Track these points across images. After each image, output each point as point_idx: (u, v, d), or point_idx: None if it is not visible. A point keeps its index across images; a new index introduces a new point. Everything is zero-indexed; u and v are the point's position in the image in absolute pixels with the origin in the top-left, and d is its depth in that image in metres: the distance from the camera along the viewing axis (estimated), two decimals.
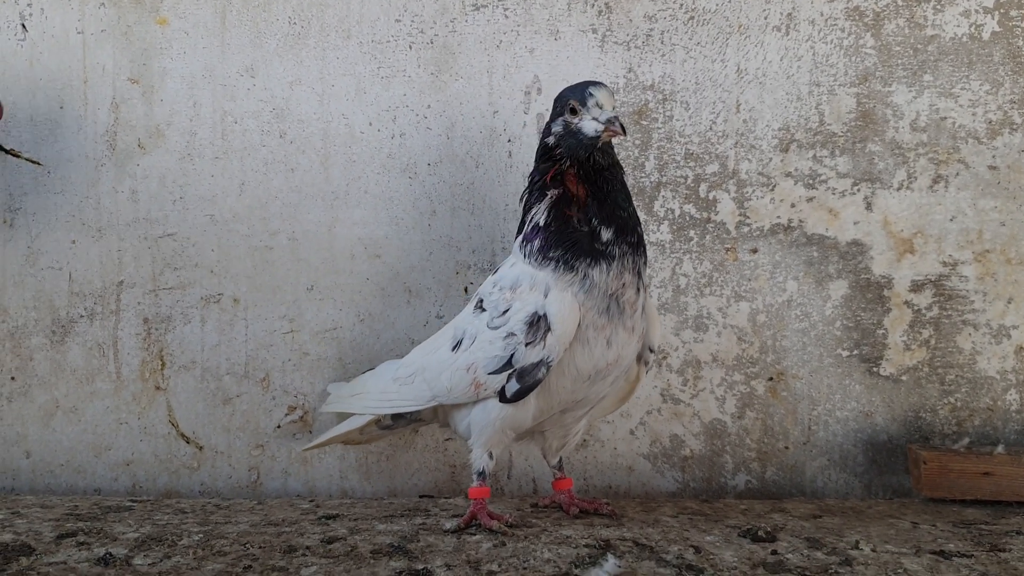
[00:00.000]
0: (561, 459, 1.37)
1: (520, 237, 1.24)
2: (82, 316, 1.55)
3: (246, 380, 1.56)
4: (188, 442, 1.56)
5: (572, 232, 1.19)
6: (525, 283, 1.21)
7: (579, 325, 1.18)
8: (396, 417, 1.38)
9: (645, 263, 1.23)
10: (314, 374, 1.56)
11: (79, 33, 1.53)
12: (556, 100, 1.25)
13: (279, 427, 1.56)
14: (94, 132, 1.54)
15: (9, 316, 1.55)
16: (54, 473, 1.56)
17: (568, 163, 1.21)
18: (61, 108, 1.54)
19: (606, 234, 1.18)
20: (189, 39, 1.53)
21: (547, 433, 1.33)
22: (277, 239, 1.54)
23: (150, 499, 1.48)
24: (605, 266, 1.18)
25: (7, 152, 1.52)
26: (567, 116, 1.21)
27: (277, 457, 1.56)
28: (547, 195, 1.22)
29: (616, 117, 1.17)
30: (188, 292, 1.55)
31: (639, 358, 1.29)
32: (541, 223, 1.21)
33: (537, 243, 1.21)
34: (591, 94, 1.19)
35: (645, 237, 1.25)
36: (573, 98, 1.20)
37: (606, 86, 1.20)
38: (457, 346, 1.27)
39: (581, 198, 1.20)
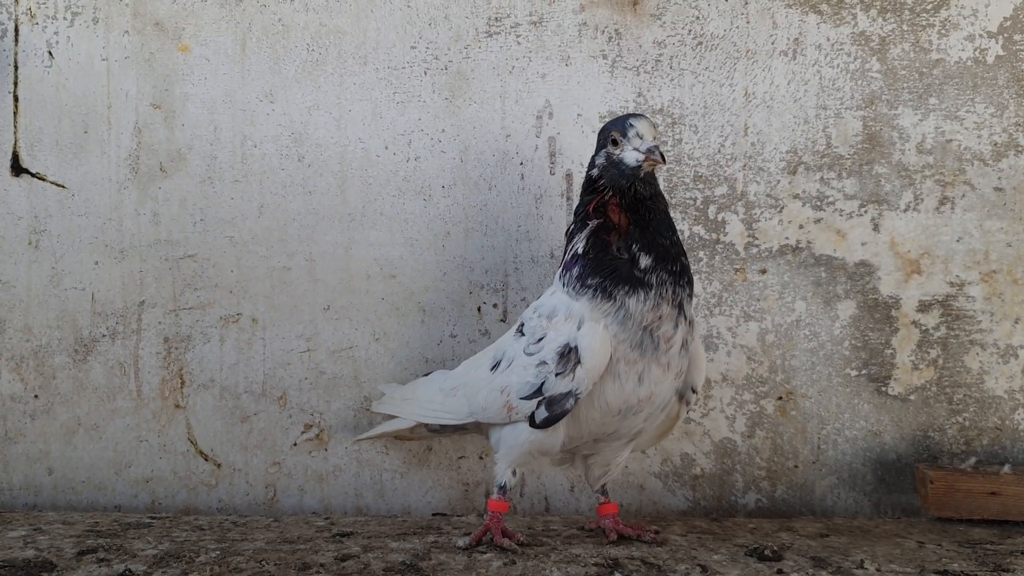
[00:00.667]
0: (605, 486, 1.37)
1: (561, 267, 1.27)
2: (104, 335, 1.58)
3: (263, 398, 1.59)
4: (207, 459, 1.59)
5: (611, 260, 1.21)
6: (561, 313, 1.23)
7: (611, 358, 1.19)
8: (442, 424, 1.41)
9: (690, 296, 1.23)
10: (330, 392, 1.58)
11: (104, 60, 1.57)
12: (600, 133, 1.28)
13: (295, 445, 1.59)
14: (117, 156, 1.58)
15: (33, 335, 1.58)
16: (75, 490, 1.59)
17: (611, 193, 1.23)
18: (85, 132, 1.58)
19: (645, 260, 1.20)
20: (210, 65, 1.57)
21: (589, 460, 1.34)
22: (295, 260, 1.58)
23: (169, 516, 1.51)
24: (643, 295, 1.19)
25: (33, 175, 1.57)
26: (609, 148, 1.24)
27: (293, 474, 1.59)
28: (588, 224, 1.24)
29: (656, 147, 1.20)
30: (208, 312, 1.58)
31: (680, 396, 1.30)
32: (580, 251, 1.24)
33: (576, 270, 1.23)
34: (631, 125, 1.22)
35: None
36: (615, 130, 1.23)
37: (647, 117, 1.23)
38: (496, 367, 1.30)
39: (622, 226, 1.22)
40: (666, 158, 1.23)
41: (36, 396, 1.59)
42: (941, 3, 1.54)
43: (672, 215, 1.50)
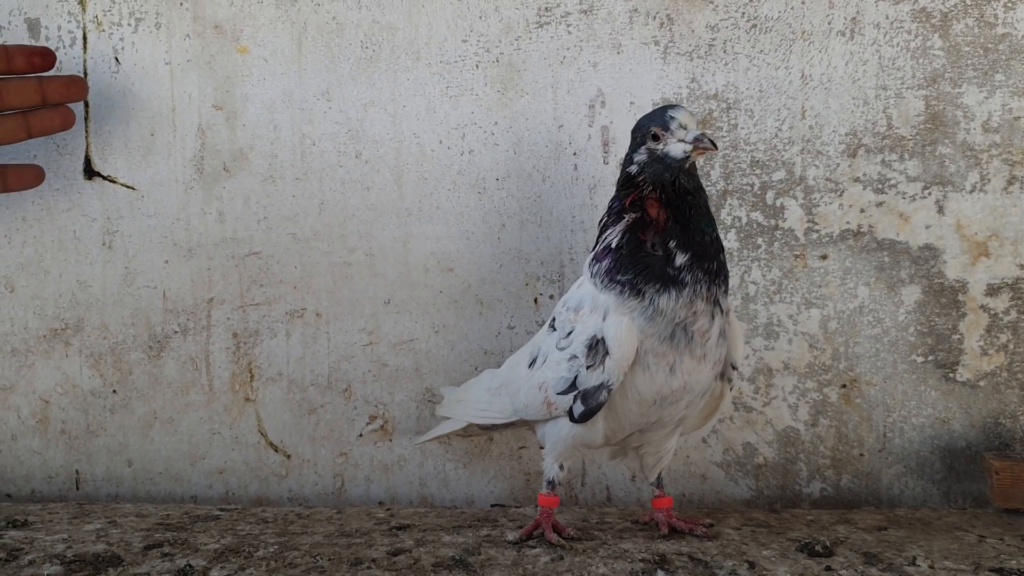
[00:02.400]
0: (660, 476, 1.36)
1: (591, 257, 1.25)
2: (176, 332, 1.64)
3: (329, 391, 1.62)
4: (276, 451, 1.64)
5: (645, 256, 1.18)
6: (587, 305, 1.22)
7: (639, 350, 1.18)
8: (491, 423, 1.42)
9: (726, 291, 1.21)
10: (393, 384, 1.61)
11: (167, 64, 1.62)
12: (634, 131, 1.25)
13: (361, 436, 1.62)
14: (183, 157, 1.62)
15: (110, 333, 1.65)
16: (154, 481, 1.66)
17: (650, 188, 1.21)
18: (152, 135, 1.62)
19: (681, 258, 1.17)
20: (268, 66, 1.60)
21: (641, 451, 1.33)
22: (355, 255, 1.61)
23: (238, 508, 1.56)
24: (675, 293, 1.16)
25: (104, 178, 1.62)
26: (650, 144, 1.21)
27: (360, 464, 1.62)
28: (624, 218, 1.22)
29: (704, 134, 1.17)
30: (273, 307, 1.62)
31: (722, 375, 1.28)
32: (613, 245, 1.21)
33: (606, 264, 1.21)
34: (672, 117, 1.19)
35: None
36: (654, 125, 1.20)
37: (684, 107, 1.21)
38: (533, 363, 1.30)
39: (660, 222, 1.19)
40: (717, 144, 1.19)
41: (114, 391, 1.65)
42: None
43: (730, 201, 1.50)
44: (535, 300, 1.58)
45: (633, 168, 1.23)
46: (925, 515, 1.45)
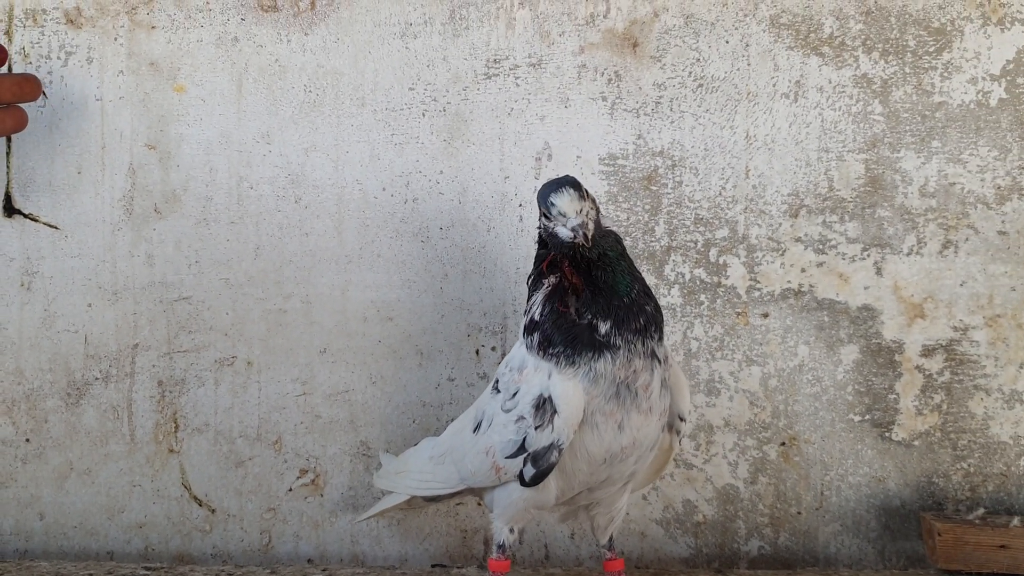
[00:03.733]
0: (612, 538, 1.33)
1: (523, 326, 1.22)
2: (97, 379, 1.56)
3: (258, 443, 1.56)
4: (201, 505, 1.57)
5: (571, 326, 1.16)
6: (530, 365, 1.19)
7: (586, 411, 1.15)
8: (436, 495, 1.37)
9: (660, 339, 1.18)
10: (326, 436, 1.56)
11: (98, 100, 1.56)
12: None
13: (291, 490, 1.56)
14: (111, 197, 1.56)
15: (25, 378, 1.56)
16: (67, 535, 1.57)
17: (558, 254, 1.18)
18: (79, 173, 1.56)
19: (603, 327, 1.14)
20: (206, 106, 1.56)
21: (591, 511, 1.30)
22: (291, 302, 1.56)
23: (164, 566, 1.49)
24: (610, 356, 1.14)
25: (25, 216, 1.55)
26: (543, 220, 1.17)
27: (289, 520, 1.56)
28: (543, 284, 1.20)
29: (580, 225, 1.12)
30: (202, 355, 1.56)
31: (670, 427, 1.26)
32: (537, 317, 1.19)
33: (537, 338, 1.18)
34: (552, 204, 1.14)
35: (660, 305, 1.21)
36: (542, 207, 1.16)
37: (568, 189, 1.15)
38: (477, 427, 1.26)
39: (579, 287, 1.17)
40: (589, 233, 1.15)
41: (28, 440, 1.57)
42: (943, 45, 1.52)
43: (673, 257, 1.50)
44: (477, 352, 1.56)
45: (541, 231, 1.20)
46: (869, 575, 1.46)
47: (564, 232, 1.14)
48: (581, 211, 1.14)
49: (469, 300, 1.55)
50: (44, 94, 1.54)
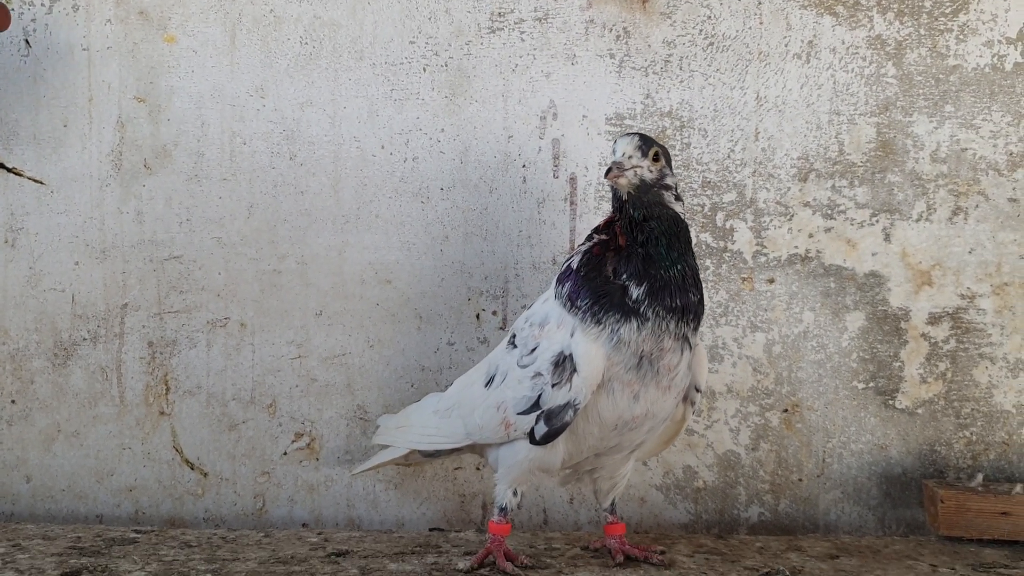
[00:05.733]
0: (614, 502, 1.32)
1: (557, 275, 1.21)
2: (85, 339, 1.52)
3: (252, 406, 1.53)
4: (192, 468, 1.53)
5: (604, 283, 1.14)
6: (553, 321, 1.17)
7: (604, 376, 1.14)
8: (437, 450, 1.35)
9: (696, 329, 1.17)
10: (322, 400, 1.53)
11: (84, 50, 1.50)
12: None
13: (285, 454, 1.53)
14: (99, 151, 1.51)
15: (10, 338, 1.52)
16: (55, 499, 1.53)
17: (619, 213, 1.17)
18: (65, 127, 1.50)
19: (635, 292, 1.13)
20: (197, 58, 1.50)
21: (595, 475, 1.28)
22: (286, 263, 1.52)
23: (154, 530, 1.45)
24: (637, 324, 1.12)
25: (9, 171, 1.50)
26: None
27: (283, 484, 1.54)
28: (593, 238, 1.19)
29: (617, 164, 1.13)
30: (194, 316, 1.52)
31: (685, 398, 1.24)
32: (574, 266, 1.17)
33: (568, 286, 1.17)
34: (615, 142, 1.17)
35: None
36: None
37: (634, 135, 1.16)
38: (490, 382, 1.24)
39: (621, 248, 1.16)
40: (624, 175, 1.14)
41: (13, 401, 1.53)
42: (960, 7, 1.49)
43: None
44: (477, 316, 1.52)
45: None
46: (871, 543, 1.45)
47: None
48: (631, 157, 1.15)
49: (470, 263, 1.52)
50: (27, 42, 1.48)
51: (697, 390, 1.25)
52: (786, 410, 1.53)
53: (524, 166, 1.51)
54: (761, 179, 1.51)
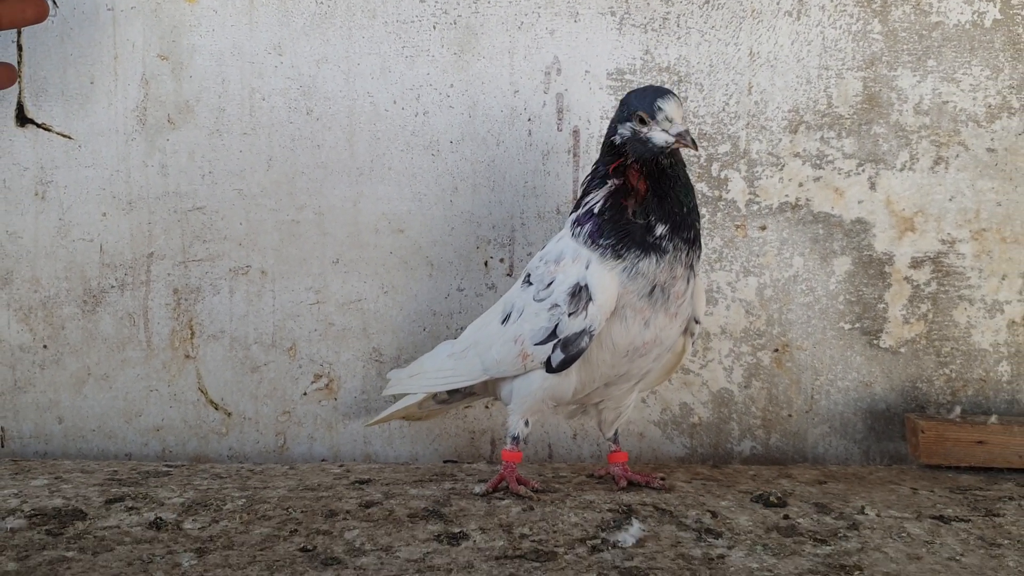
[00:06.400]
0: (617, 432, 1.41)
1: (573, 217, 1.29)
2: (113, 287, 1.60)
3: (273, 349, 1.61)
4: (217, 409, 1.62)
5: (626, 223, 1.24)
6: (568, 256, 1.27)
7: (618, 304, 1.23)
8: (452, 392, 1.44)
9: (699, 256, 1.28)
10: (339, 343, 1.61)
11: (109, 10, 1.56)
12: (622, 103, 1.28)
13: (305, 394, 1.62)
14: (124, 107, 1.58)
15: (41, 286, 1.59)
16: (86, 438, 1.62)
17: (632, 159, 1.25)
18: (91, 83, 1.57)
19: (660, 229, 1.23)
20: (218, 17, 1.57)
21: (600, 406, 1.38)
22: (304, 213, 1.60)
23: (184, 464, 1.54)
24: (656, 258, 1.22)
25: (39, 126, 1.57)
26: (634, 124, 1.24)
27: (303, 423, 1.62)
28: (607, 184, 1.27)
29: (687, 131, 1.21)
30: (217, 264, 1.60)
31: (685, 330, 1.34)
32: (596, 210, 1.26)
33: (589, 227, 1.26)
34: (660, 108, 1.22)
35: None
36: (641, 109, 1.23)
37: (675, 96, 1.23)
38: (506, 320, 1.33)
39: (641, 192, 1.24)
40: (698, 144, 1.24)
41: (45, 346, 1.60)
42: None
43: None
44: (485, 263, 1.61)
45: (616, 139, 1.27)
46: (857, 471, 1.55)
47: (660, 138, 1.22)
48: (685, 119, 1.23)
49: (478, 213, 1.60)
50: (55, 2, 1.54)
51: (696, 322, 1.34)
52: (777, 350, 1.62)
53: (529, 120, 1.59)
54: (754, 131, 1.59)
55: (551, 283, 1.27)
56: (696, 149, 1.23)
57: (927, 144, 1.59)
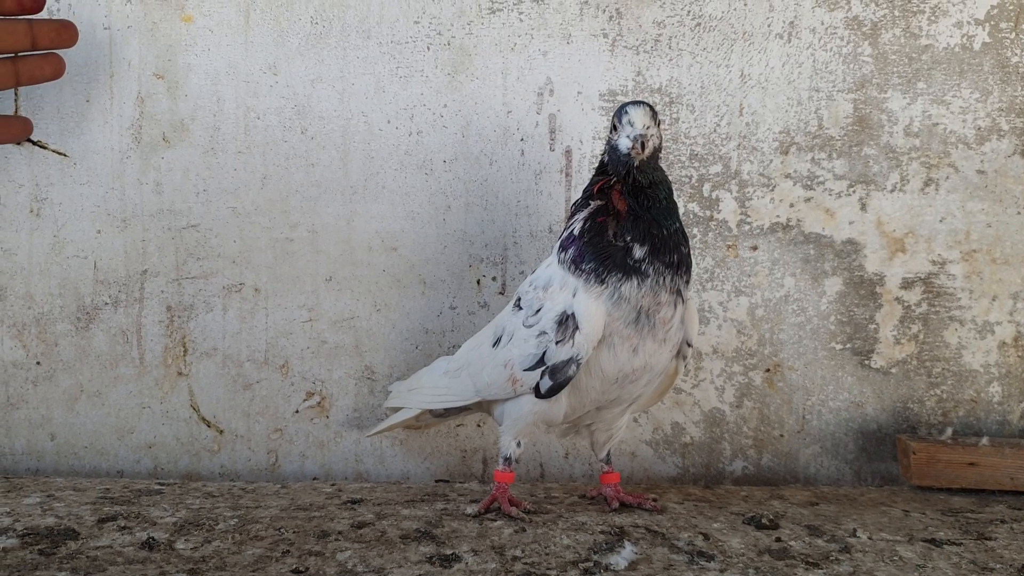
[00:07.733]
0: (609, 453, 1.42)
1: (559, 242, 1.30)
2: (107, 304, 1.60)
3: (266, 367, 1.62)
4: (209, 426, 1.62)
5: (606, 246, 1.23)
6: (556, 283, 1.27)
7: (605, 331, 1.23)
8: (447, 408, 1.44)
9: (687, 282, 1.27)
10: (332, 361, 1.62)
11: (106, 29, 1.57)
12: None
13: (297, 412, 1.62)
14: (120, 125, 1.59)
15: (35, 303, 1.60)
16: (78, 455, 1.62)
17: (615, 178, 1.25)
18: (87, 101, 1.58)
19: (639, 251, 1.22)
20: (213, 36, 1.58)
21: (593, 428, 1.38)
22: (297, 231, 1.60)
23: (176, 482, 1.54)
24: (638, 282, 1.22)
25: (34, 143, 1.57)
26: (611, 133, 1.26)
27: (295, 440, 1.62)
28: (589, 204, 1.27)
29: (640, 135, 1.21)
30: (210, 281, 1.60)
31: (677, 352, 1.33)
32: (577, 232, 1.26)
33: (571, 252, 1.26)
34: (626, 112, 1.23)
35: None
36: (615, 116, 1.25)
37: (644, 105, 1.24)
38: (497, 342, 1.33)
39: (621, 212, 1.24)
40: (646, 148, 1.22)
41: (38, 363, 1.61)
42: None
43: None
44: (478, 282, 1.61)
45: (604, 156, 1.28)
46: (848, 492, 1.56)
47: (624, 143, 1.22)
48: (647, 127, 1.23)
49: (471, 232, 1.61)
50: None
51: (688, 345, 1.34)
52: (768, 370, 1.63)
53: (522, 140, 1.60)
54: (745, 152, 1.60)
55: (539, 309, 1.28)
56: (642, 152, 1.21)
57: (917, 166, 1.60)
